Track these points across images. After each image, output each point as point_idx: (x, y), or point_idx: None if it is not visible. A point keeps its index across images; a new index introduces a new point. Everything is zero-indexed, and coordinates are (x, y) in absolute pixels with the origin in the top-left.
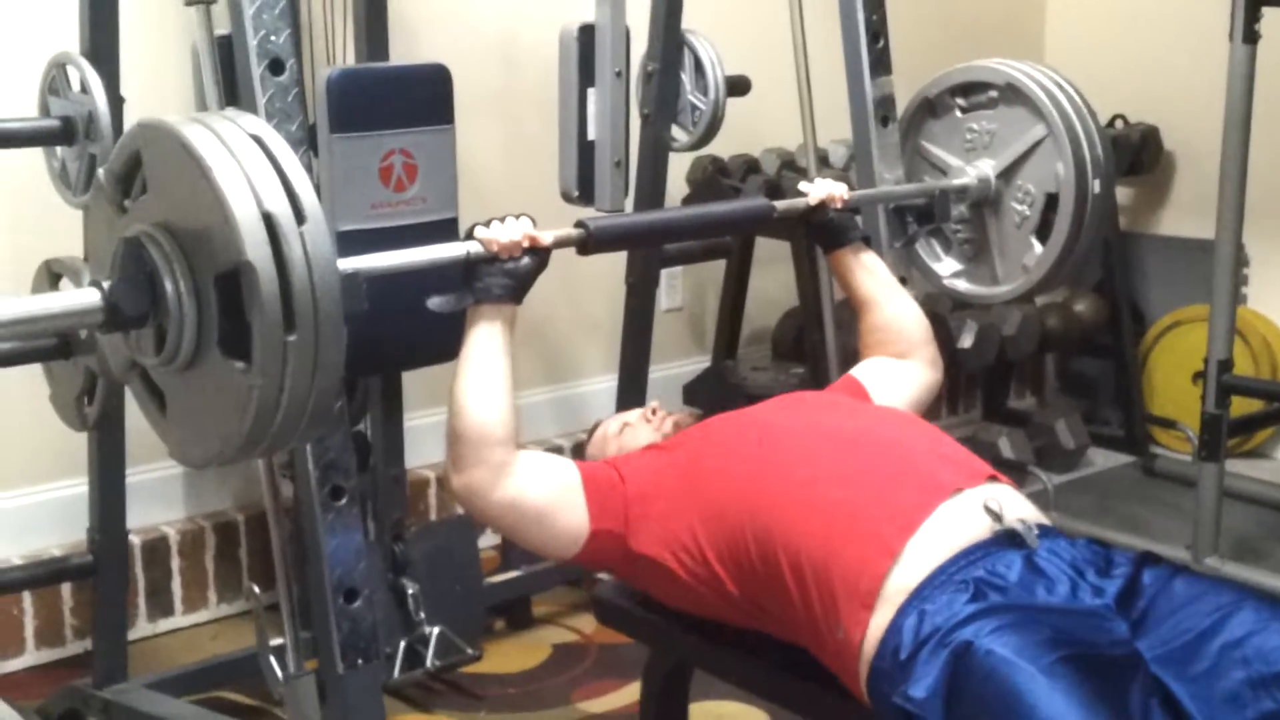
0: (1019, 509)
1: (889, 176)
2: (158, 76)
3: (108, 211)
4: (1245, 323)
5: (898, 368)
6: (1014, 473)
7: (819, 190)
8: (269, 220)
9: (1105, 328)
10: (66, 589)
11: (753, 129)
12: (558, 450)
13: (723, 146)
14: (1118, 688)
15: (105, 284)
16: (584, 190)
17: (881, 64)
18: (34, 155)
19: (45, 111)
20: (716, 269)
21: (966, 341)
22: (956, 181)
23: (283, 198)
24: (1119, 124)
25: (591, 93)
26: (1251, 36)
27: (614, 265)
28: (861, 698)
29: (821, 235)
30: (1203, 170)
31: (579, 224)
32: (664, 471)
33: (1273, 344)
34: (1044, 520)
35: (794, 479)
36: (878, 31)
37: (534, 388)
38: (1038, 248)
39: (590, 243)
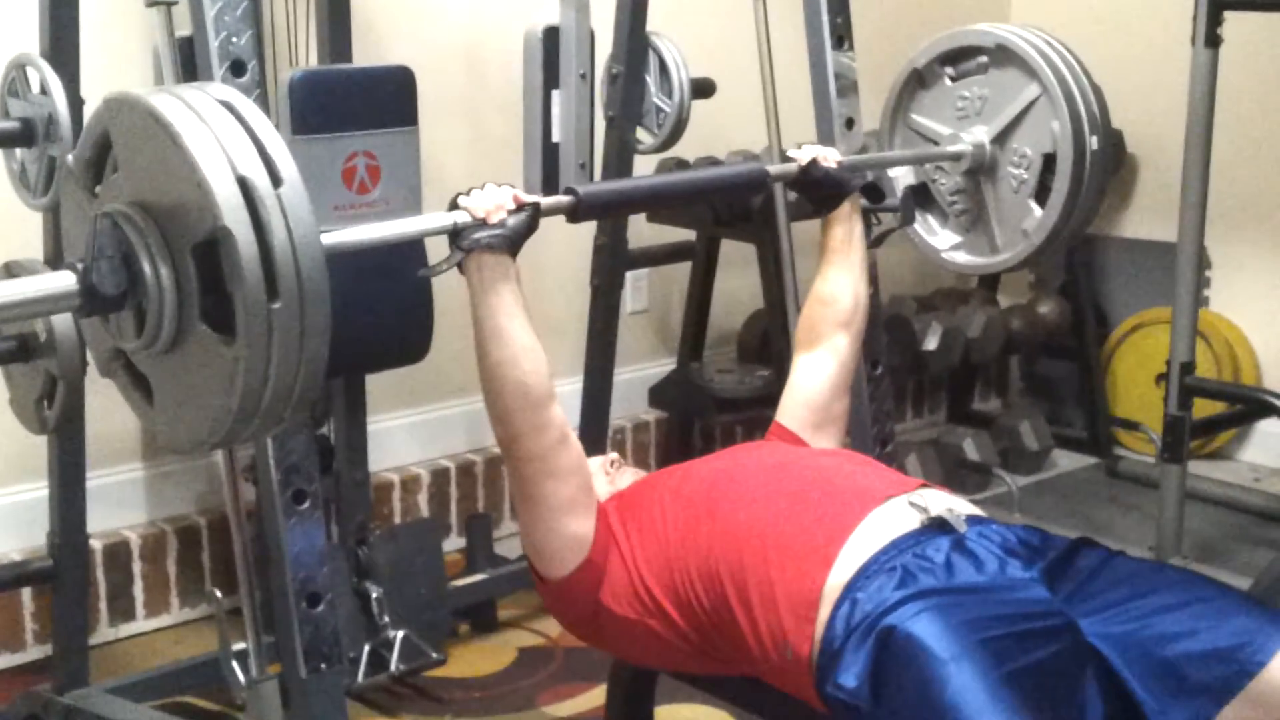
0: (947, 502)
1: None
2: (118, 78)
3: (78, 198)
4: (1207, 325)
5: (809, 368)
6: (978, 475)
7: (808, 152)
8: (244, 185)
9: (1069, 330)
10: (27, 594)
11: (718, 131)
12: None
13: (688, 149)
14: (1043, 664)
15: (80, 265)
16: (548, 192)
17: (846, 66)
18: None
19: (4, 113)
20: (682, 271)
21: (931, 344)
22: (950, 149)
23: (257, 161)
24: None
25: (556, 95)
26: (1214, 40)
27: (578, 267)
28: (819, 705)
29: (816, 192)
30: (1165, 173)
31: (568, 189)
32: (616, 528)
33: (1235, 346)
34: (976, 512)
35: (734, 518)
36: (842, 35)
37: None
38: (1037, 211)
39: (580, 208)
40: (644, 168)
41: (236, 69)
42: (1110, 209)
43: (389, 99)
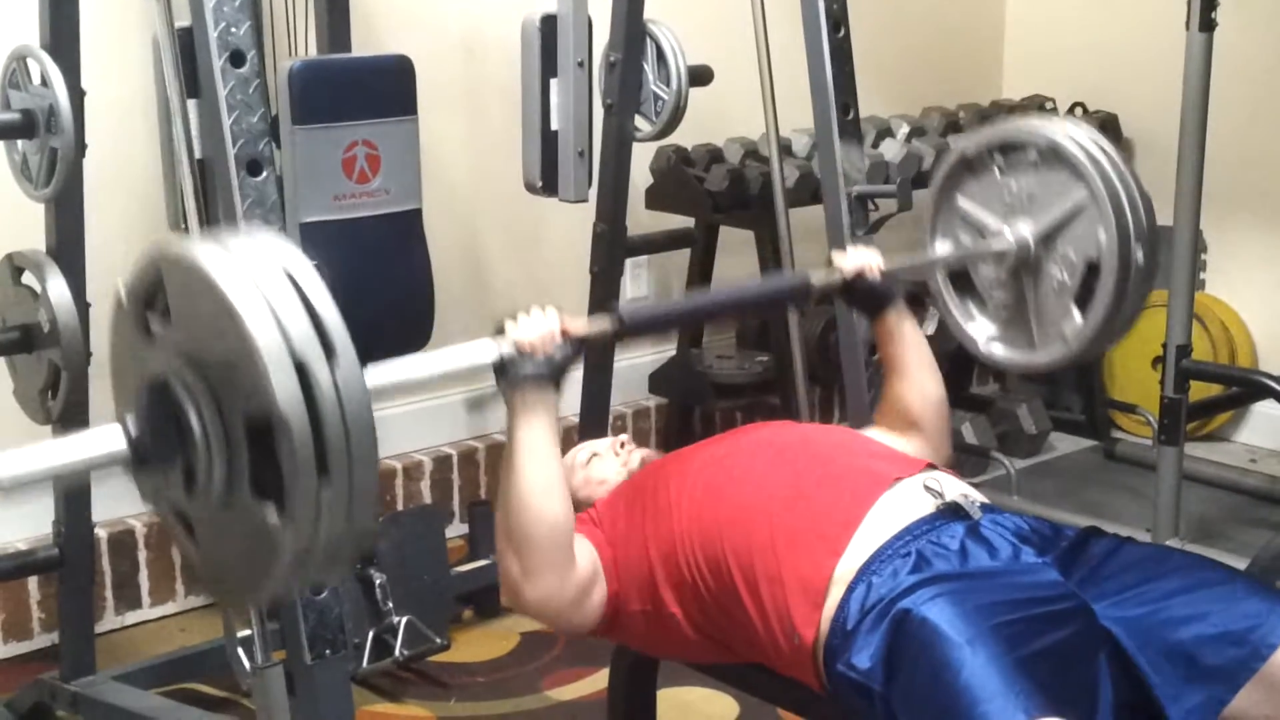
0: (960, 487)
1: (852, 168)
2: (118, 69)
3: (130, 333)
4: (1204, 308)
5: (893, 441)
6: (976, 458)
7: (854, 261)
8: (301, 369)
9: None
10: (33, 582)
11: (716, 118)
12: None
13: (686, 136)
14: (1056, 648)
15: (130, 422)
16: (547, 181)
17: (842, 52)
18: None
19: (6, 105)
20: (681, 257)
21: (930, 328)
22: (995, 247)
23: (314, 339)
24: (1078, 111)
25: (554, 83)
26: (1208, 25)
27: (578, 254)
28: (818, 688)
29: (862, 303)
30: (1161, 157)
31: (610, 311)
32: (625, 516)
33: (1231, 329)
34: (985, 500)
35: (740, 502)
36: (839, 20)
37: None
38: (1077, 316)
39: (623, 330)
40: (642, 155)
41: (235, 59)
42: None
43: (388, 88)
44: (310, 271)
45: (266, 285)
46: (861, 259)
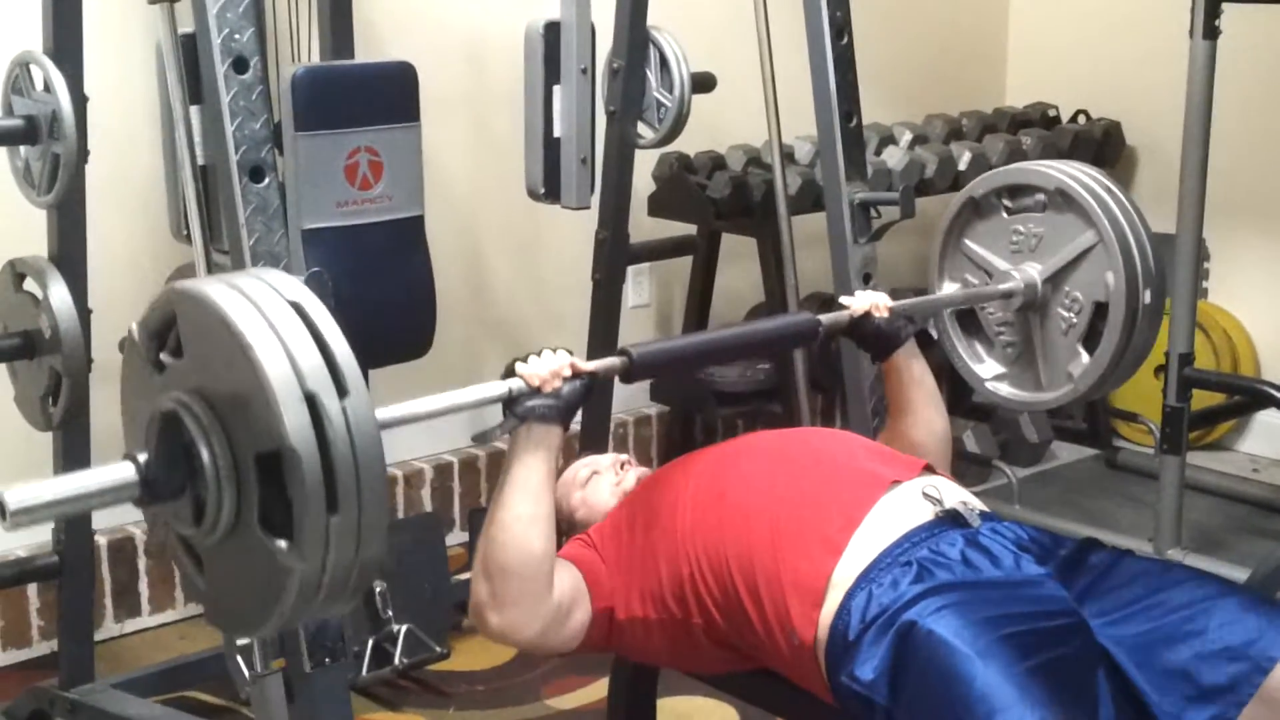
0: (959, 494)
1: (855, 179)
2: (122, 75)
3: (141, 371)
4: (1206, 316)
5: None
6: (978, 466)
7: (861, 302)
8: (312, 402)
9: None
10: (32, 590)
11: (718, 125)
12: None
13: (688, 143)
14: (1061, 662)
15: (140, 457)
16: (550, 188)
17: (845, 60)
18: None
19: (9, 111)
20: (683, 265)
21: (932, 336)
22: (1002, 287)
23: (325, 374)
24: (1081, 119)
25: (557, 90)
26: (1212, 32)
27: (580, 261)
28: (827, 697)
29: (870, 344)
30: (1164, 165)
31: (621, 351)
32: (624, 531)
33: (1233, 337)
34: (984, 507)
35: (740, 504)
36: (841, 28)
37: None
38: (1084, 357)
39: (634, 370)
40: (645, 162)
41: (239, 66)
42: None
43: (391, 95)
44: (321, 309)
45: (278, 321)
46: (869, 299)
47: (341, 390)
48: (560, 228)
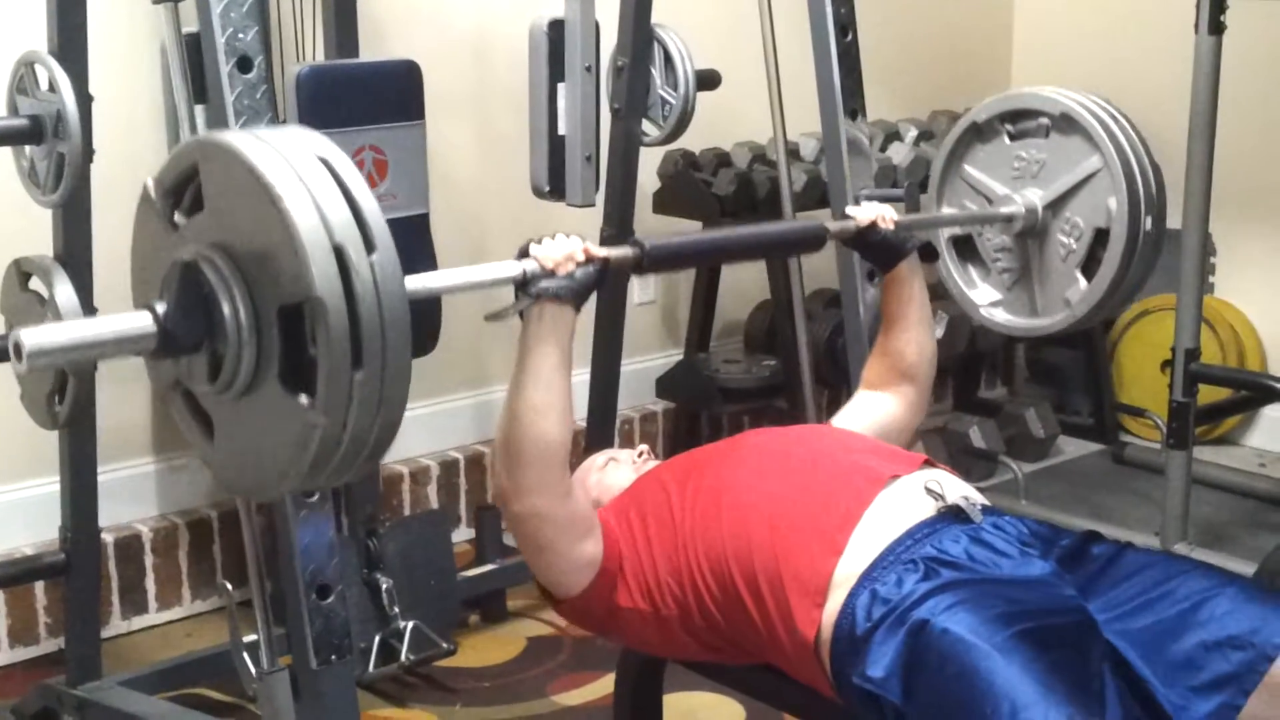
0: (961, 488)
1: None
2: (126, 75)
3: (156, 227)
4: (1212, 311)
5: (871, 400)
6: (984, 462)
7: (868, 212)
8: (339, 254)
9: None
10: (40, 587)
11: (723, 123)
12: None
13: (693, 140)
14: (1074, 657)
15: (158, 307)
16: (555, 185)
17: (850, 56)
18: (2, 154)
19: (13, 110)
20: None
21: (938, 332)
22: (1003, 211)
23: (352, 226)
24: None
25: (562, 88)
26: (1217, 28)
27: None
28: (831, 694)
29: (875, 254)
30: (1170, 160)
31: (633, 242)
32: (629, 518)
33: (1240, 332)
34: (985, 501)
35: (740, 501)
36: (846, 25)
37: (505, 382)
38: (1082, 283)
39: (645, 261)
40: (650, 159)
41: (243, 65)
42: None
43: (395, 93)
44: (350, 166)
45: (306, 174)
46: (875, 210)
47: (370, 245)
48: (565, 225)
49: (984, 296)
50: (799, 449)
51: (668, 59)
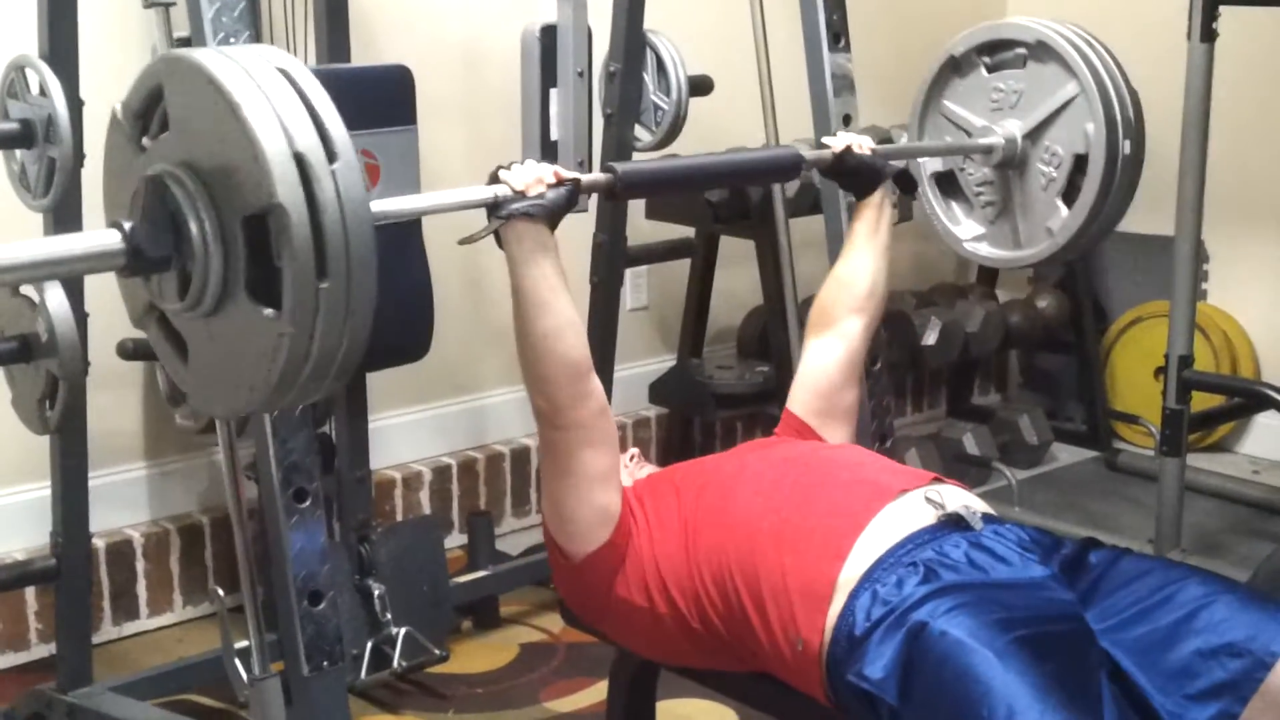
0: (962, 498)
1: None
2: (117, 79)
3: (125, 150)
4: (1205, 318)
5: (817, 359)
6: (978, 469)
7: (841, 140)
8: (300, 160)
9: (1068, 324)
10: (30, 593)
11: (716, 128)
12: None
13: (686, 146)
14: (1071, 664)
15: (126, 225)
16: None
17: (842, 63)
18: None
19: (4, 114)
20: (681, 268)
21: (931, 338)
22: (982, 141)
23: (313, 134)
24: None
25: (554, 93)
26: (1209, 35)
27: (578, 264)
28: (824, 700)
29: (853, 178)
30: (1163, 167)
31: (606, 167)
32: (642, 508)
33: (1233, 339)
34: (989, 510)
35: (746, 511)
36: (838, 31)
37: (498, 388)
38: (1063, 211)
39: (619, 186)
40: None
41: None
42: None
43: (387, 98)
44: (311, 79)
45: (267, 85)
46: (848, 138)
47: (331, 155)
48: (558, 231)
49: (968, 231)
50: (810, 461)
51: (660, 65)
